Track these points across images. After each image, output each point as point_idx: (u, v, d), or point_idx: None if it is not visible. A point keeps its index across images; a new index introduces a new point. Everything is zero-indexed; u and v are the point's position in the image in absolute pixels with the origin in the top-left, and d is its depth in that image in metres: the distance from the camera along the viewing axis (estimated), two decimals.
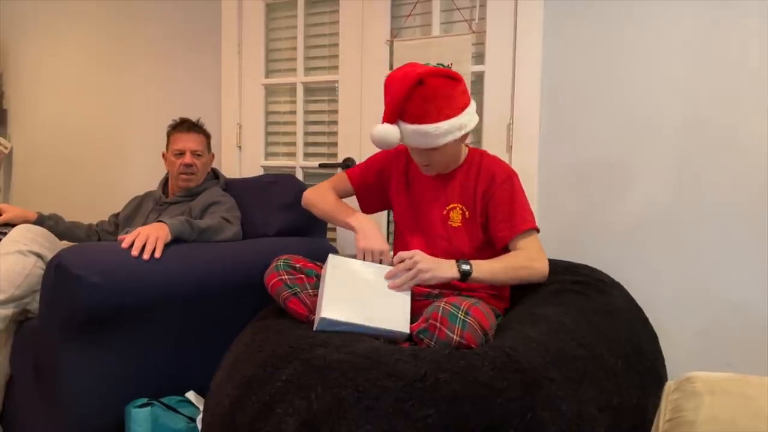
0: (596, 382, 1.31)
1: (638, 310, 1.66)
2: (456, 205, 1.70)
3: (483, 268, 1.53)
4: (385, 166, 1.82)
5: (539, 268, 1.59)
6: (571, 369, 1.29)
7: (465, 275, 1.50)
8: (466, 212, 1.69)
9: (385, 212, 2.41)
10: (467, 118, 1.59)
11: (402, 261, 1.52)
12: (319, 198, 1.85)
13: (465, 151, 1.75)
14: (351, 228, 1.68)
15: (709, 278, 1.89)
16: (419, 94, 1.52)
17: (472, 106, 1.63)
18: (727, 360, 1.86)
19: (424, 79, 1.52)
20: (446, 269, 1.50)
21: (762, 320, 1.83)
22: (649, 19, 1.94)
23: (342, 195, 1.86)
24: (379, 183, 1.83)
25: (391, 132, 1.54)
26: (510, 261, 1.58)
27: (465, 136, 1.63)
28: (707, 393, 0.78)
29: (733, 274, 1.86)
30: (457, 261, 1.52)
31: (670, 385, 0.84)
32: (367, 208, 1.89)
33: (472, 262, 1.52)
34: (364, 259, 1.59)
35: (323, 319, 1.42)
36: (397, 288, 1.49)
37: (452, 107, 1.55)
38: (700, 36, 1.88)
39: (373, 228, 1.66)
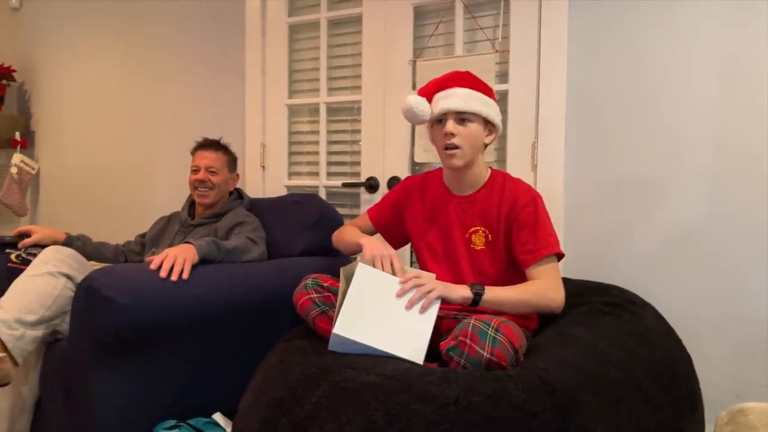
0: (632, 405, 1.28)
1: (671, 332, 1.63)
2: (478, 228, 1.69)
3: (496, 293, 1.52)
4: (401, 201, 1.84)
5: (555, 299, 1.56)
6: (607, 392, 1.27)
7: (477, 295, 1.49)
8: (489, 235, 1.67)
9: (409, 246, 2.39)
10: (497, 110, 1.68)
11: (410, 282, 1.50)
12: (338, 233, 1.91)
13: (487, 172, 1.73)
14: (360, 246, 1.68)
15: (742, 298, 1.85)
16: (457, 75, 1.67)
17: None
18: (764, 381, 1.81)
19: (461, 71, 1.68)
20: (458, 287, 1.51)
21: None
22: (676, 35, 1.93)
23: (365, 232, 1.87)
24: (397, 217, 1.85)
25: (419, 102, 1.63)
26: (525, 290, 1.56)
27: (492, 131, 1.69)
28: (763, 426, 0.75)
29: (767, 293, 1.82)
30: (470, 284, 1.52)
31: (722, 416, 0.81)
32: (392, 243, 1.88)
33: (487, 287, 1.51)
34: (374, 266, 1.55)
35: (335, 336, 1.40)
36: (422, 309, 1.46)
37: (487, 91, 1.68)
38: (730, 51, 1.86)
39: (378, 240, 1.68)
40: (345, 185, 2.58)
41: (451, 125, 1.62)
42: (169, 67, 3.04)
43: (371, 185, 2.50)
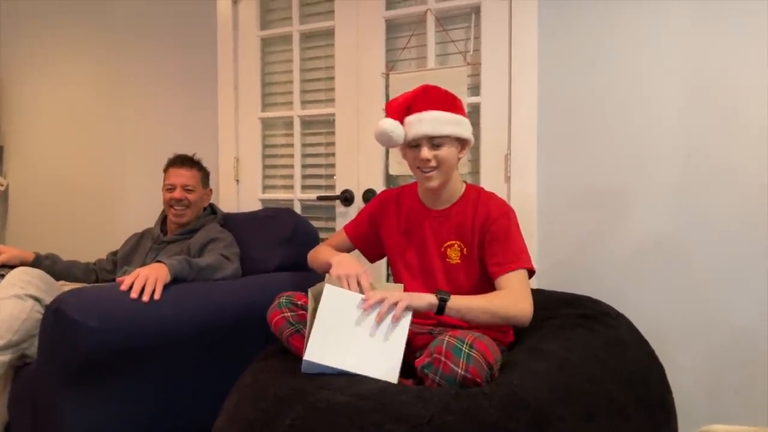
0: (606, 418, 1.29)
1: (644, 343, 1.64)
2: (454, 242, 1.69)
3: (461, 301, 1.50)
4: (377, 215, 1.83)
5: (521, 309, 1.54)
6: (580, 405, 1.27)
7: (442, 301, 1.48)
8: (464, 249, 1.67)
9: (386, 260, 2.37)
10: (468, 124, 1.67)
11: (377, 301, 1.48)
12: (313, 253, 1.89)
13: (462, 186, 1.74)
14: (330, 266, 1.65)
15: (713, 305, 1.88)
16: (425, 94, 1.64)
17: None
18: (735, 388, 1.84)
19: (428, 87, 1.66)
20: (424, 295, 1.50)
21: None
22: (645, 46, 1.96)
23: (342, 250, 1.86)
24: (374, 231, 1.84)
25: (395, 126, 1.61)
26: (491, 299, 1.55)
27: (465, 145, 1.68)
28: None
29: (737, 300, 1.84)
30: (435, 290, 1.51)
31: None
32: (370, 257, 1.90)
33: (453, 295, 1.50)
34: (341, 286, 1.53)
35: (306, 362, 1.39)
36: (394, 319, 1.43)
37: (456, 107, 1.66)
38: (697, 62, 1.89)
39: (348, 258, 1.67)
40: (320, 198, 2.57)
41: (426, 152, 1.61)
42: (141, 82, 3.01)
43: (346, 198, 2.50)
